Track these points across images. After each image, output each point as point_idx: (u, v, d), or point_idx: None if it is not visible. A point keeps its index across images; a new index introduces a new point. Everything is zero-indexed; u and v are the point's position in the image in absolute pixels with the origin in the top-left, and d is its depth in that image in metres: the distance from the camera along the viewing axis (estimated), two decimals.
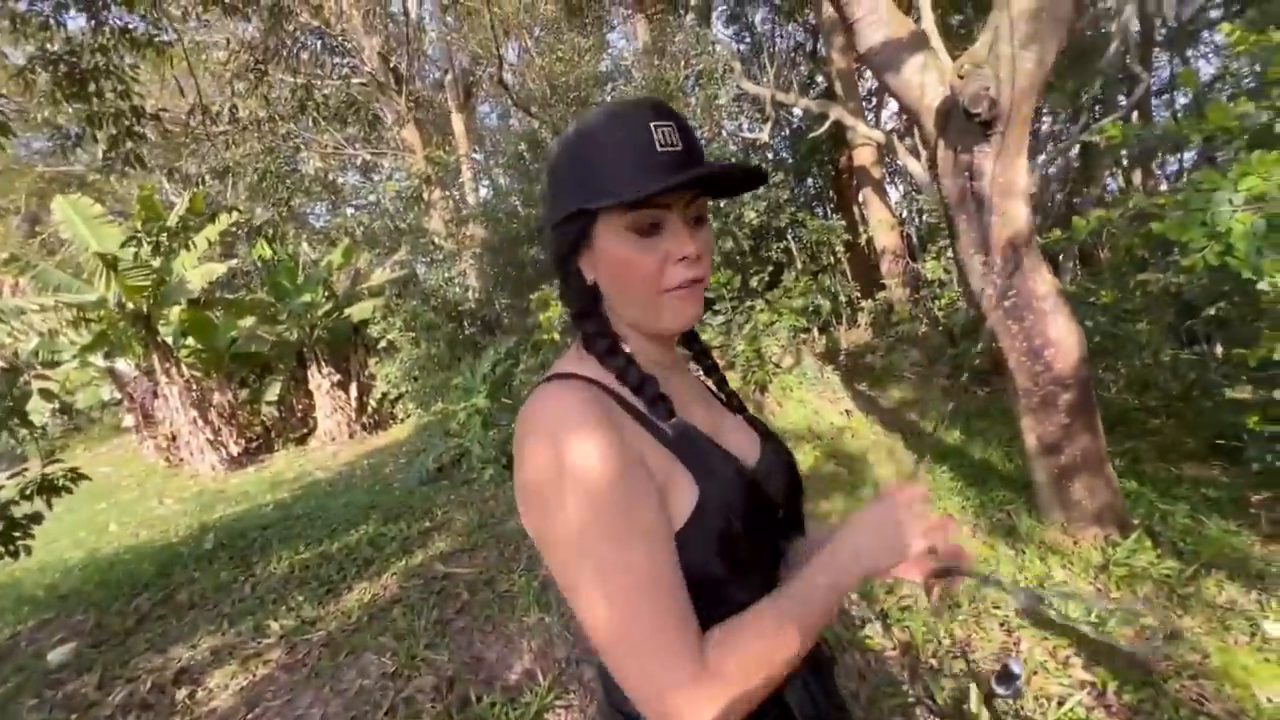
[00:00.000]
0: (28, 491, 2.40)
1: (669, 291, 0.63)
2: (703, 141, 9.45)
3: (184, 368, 7.82)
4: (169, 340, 7.86)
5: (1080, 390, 2.56)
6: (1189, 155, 7.47)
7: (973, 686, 1.94)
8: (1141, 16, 6.09)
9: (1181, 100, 8.59)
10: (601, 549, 0.54)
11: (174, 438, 8.20)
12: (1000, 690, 1.15)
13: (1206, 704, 1.82)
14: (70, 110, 4.32)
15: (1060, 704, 1.88)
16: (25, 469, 2.59)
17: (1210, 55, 8.31)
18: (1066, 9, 2.04)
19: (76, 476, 2.56)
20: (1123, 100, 6.07)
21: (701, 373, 0.85)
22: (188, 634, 2.91)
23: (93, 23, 4.27)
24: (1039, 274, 2.44)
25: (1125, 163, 7.71)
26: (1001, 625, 2.32)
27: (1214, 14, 7.41)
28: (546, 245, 0.69)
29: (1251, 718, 1.76)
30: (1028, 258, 2.41)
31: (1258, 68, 2.34)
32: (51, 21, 4.21)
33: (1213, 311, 3.05)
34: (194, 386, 7.88)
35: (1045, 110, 7.75)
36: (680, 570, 0.57)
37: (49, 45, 4.17)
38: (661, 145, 0.59)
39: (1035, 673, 2.04)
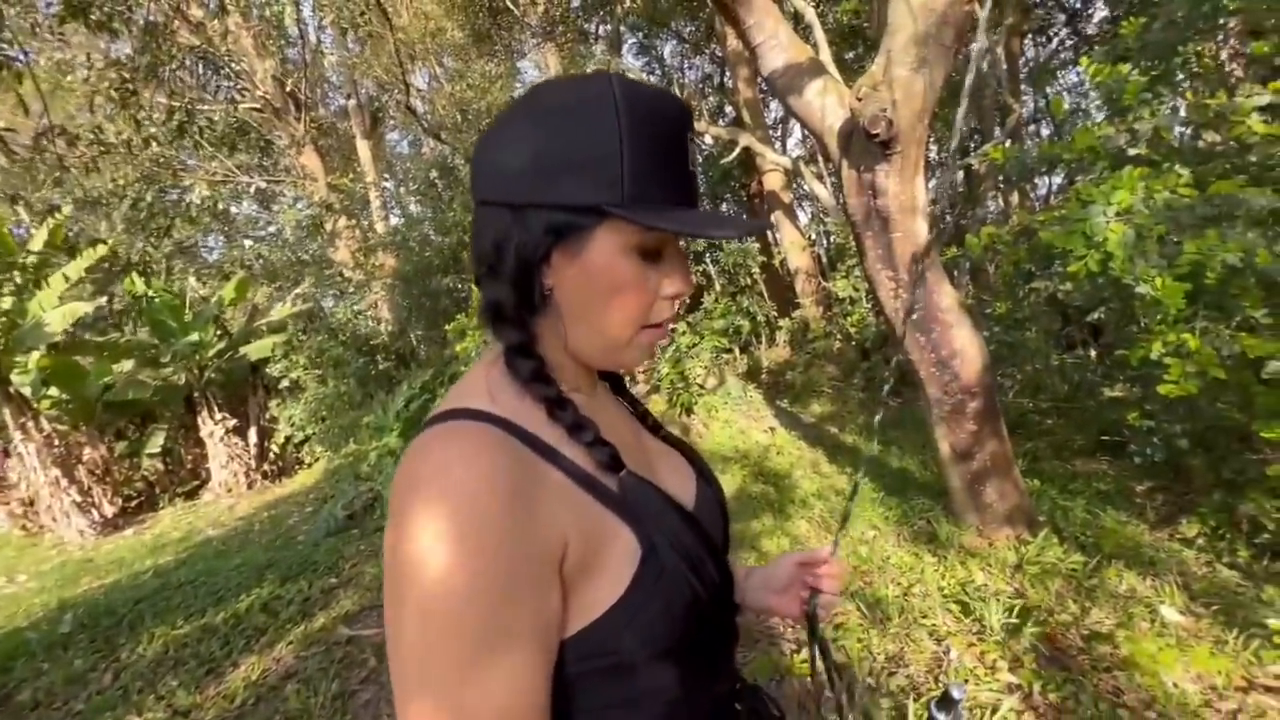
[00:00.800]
0: None
1: (646, 328, 0.54)
2: None
3: (44, 421, 6.88)
4: (25, 391, 6.91)
5: (986, 397, 2.67)
6: (1056, 180, 8.29)
7: (910, 706, 1.91)
8: (1007, 56, 6.75)
9: (1045, 131, 9.62)
10: (449, 674, 0.41)
11: (32, 502, 7.16)
12: (942, 716, 1.09)
13: (1123, 695, 1.88)
14: None
15: (993, 711, 1.88)
16: None
17: (1064, 91, 9.37)
18: (950, 37, 2.15)
19: None
20: (998, 130, 6.67)
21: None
22: None
23: None
24: (942, 288, 2.54)
25: (1003, 185, 8.46)
26: (931, 635, 2.32)
27: (1064, 56, 8.35)
28: (490, 224, 0.52)
29: (1161, 705, 1.82)
30: (930, 272, 2.50)
31: (1111, 97, 2.58)
32: None
33: (1097, 316, 3.30)
34: (56, 442, 6.94)
35: (931, 139, 8.40)
36: (554, 648, 0.47)
37: None
38: (691, 165, 0.53)
39: (966, 681, 2.04)
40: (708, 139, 8.95)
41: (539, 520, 0.46)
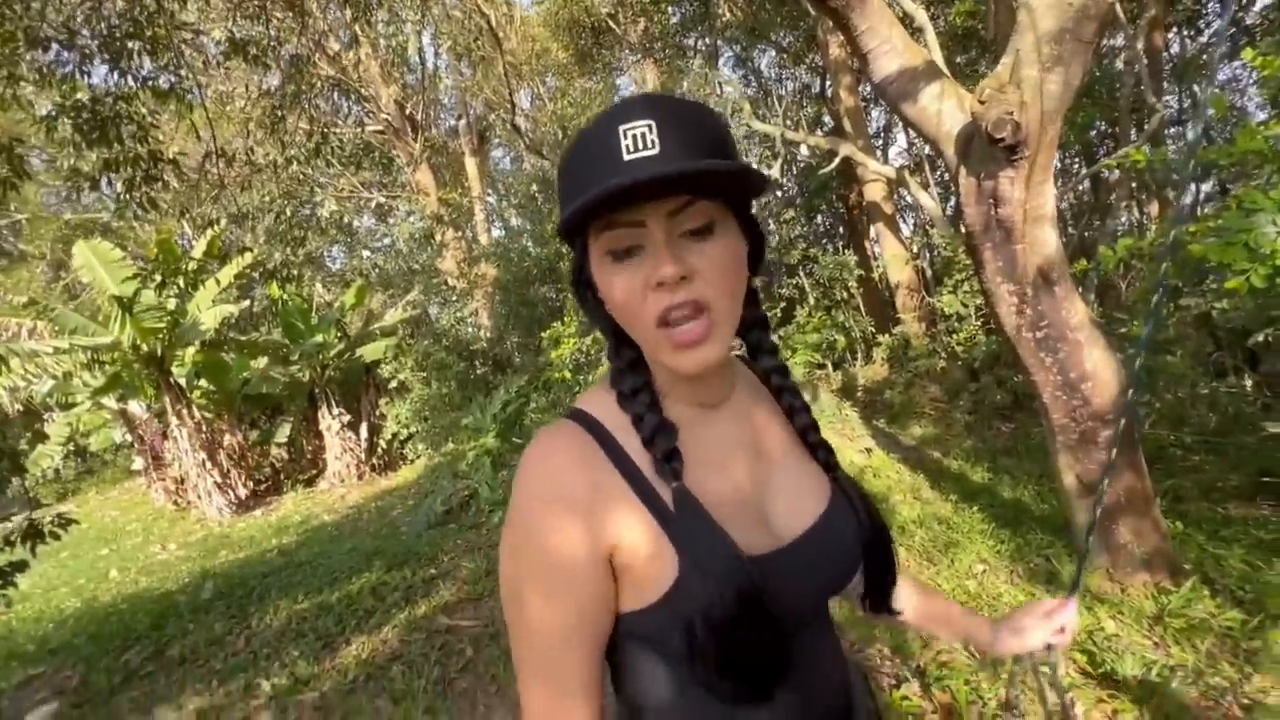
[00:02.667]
0: (12, 538, 2.30)
1: (660, 328, 0.52)
2: None
3: (195, 409, 7.81)
4: (181, 382, 7.88)
5: (1121, 425, 2.41)
6: (1205, 188, 7.41)
7: None
8: (1148, 51, 6.12)
9: (1190, 135, 8.59)
10: (515, 604, 0.55)
11: (182, 480, 8.13)
12: None
13: None
14: (91, 156, 4.42)
15: None
16: (14, 514, 2.50)
17: (1217, 88, 8.34)
18: (1090, 31, 1.98)
19: (65, 523, 2.46)
20: (1134, 135, 6.05)
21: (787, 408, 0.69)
22: (175, 693, 2.75)
23: (118, 74, 4.41)
24: (1072, 303, 2.32)
25: (1140, 194, 7.65)
26: (1051, 685, 2.11)
27: (1217, 50, 7.42)
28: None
29: None
30: (1059, 286, 2.29)
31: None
32: (77, 73, 4.34)
33: (1257, 339, 2.90)
34: (204, 428, 7.85)
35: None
36: (593, 642, 0.55)
37: (74, 95, 4.29)
38: (630, 151, 0.48)
39: None
40: (804, 149, 8.77)
41: (581, 511, 0.53)
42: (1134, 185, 7.02)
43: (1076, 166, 8.76)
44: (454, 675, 2.56)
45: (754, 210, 0.61)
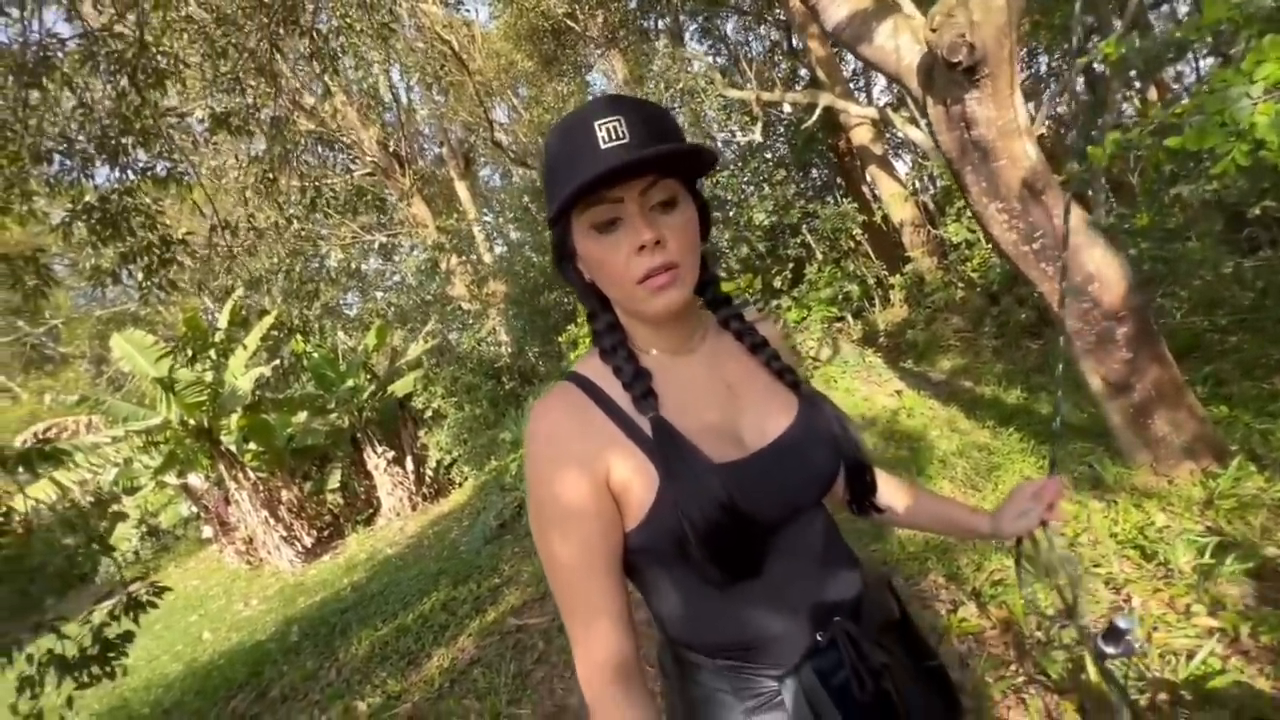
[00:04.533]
0: (115, 612, 2.50)
1: (639, 283, 0.63)
2: None
3: (249, 471, 8.15)
4: (232, 448, 8.22)
5: (1137, 320, 2.41)
6: (1206, 63, 7.13)
7: (1087, 653, 1.78)
8: None
9: (1183, 8, 8.24)
10: (542, 543, 0.66)
11: (251, 540, 8.50)
12: (1110, 650, 1.03)
13: None
14: (108, 252, 4.65)
15: (1189, 658, 1.71)
16: (111, 592, 2.72)
17: None
18: None
19: (159, 590, 2.65)
20: (1116, 22, 5.85)
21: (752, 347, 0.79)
22: None
23: (117, 170, 4.62)
24: (1063, 208, 2.33)
25: (1138, 84, 7.39)
26: (1107, 584, 2.14)
27: None
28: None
29: None
30: (1047, 195, 2.30)
31: None
32: (81, 177, 4.57)
33: (1259, 212, 2.84)
34: (261, 488, 8.19)
35: (1040, 49, 7.55)
36: (606, 567, 0.65)
37: (82, 199, 4.52)
38: (606, 141, 0.59)
39: (1155, 629, 1.87)
40: (786, 107, 8.68)
41: (574, 456, 0.64)
42: (1130, 74, 6.79)
43: (1065, 70, 8.50)
44: (530, 668, 2.70)
45: (746, 178, 0.72)
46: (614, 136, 0.60)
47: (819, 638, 0.68)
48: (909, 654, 0.77)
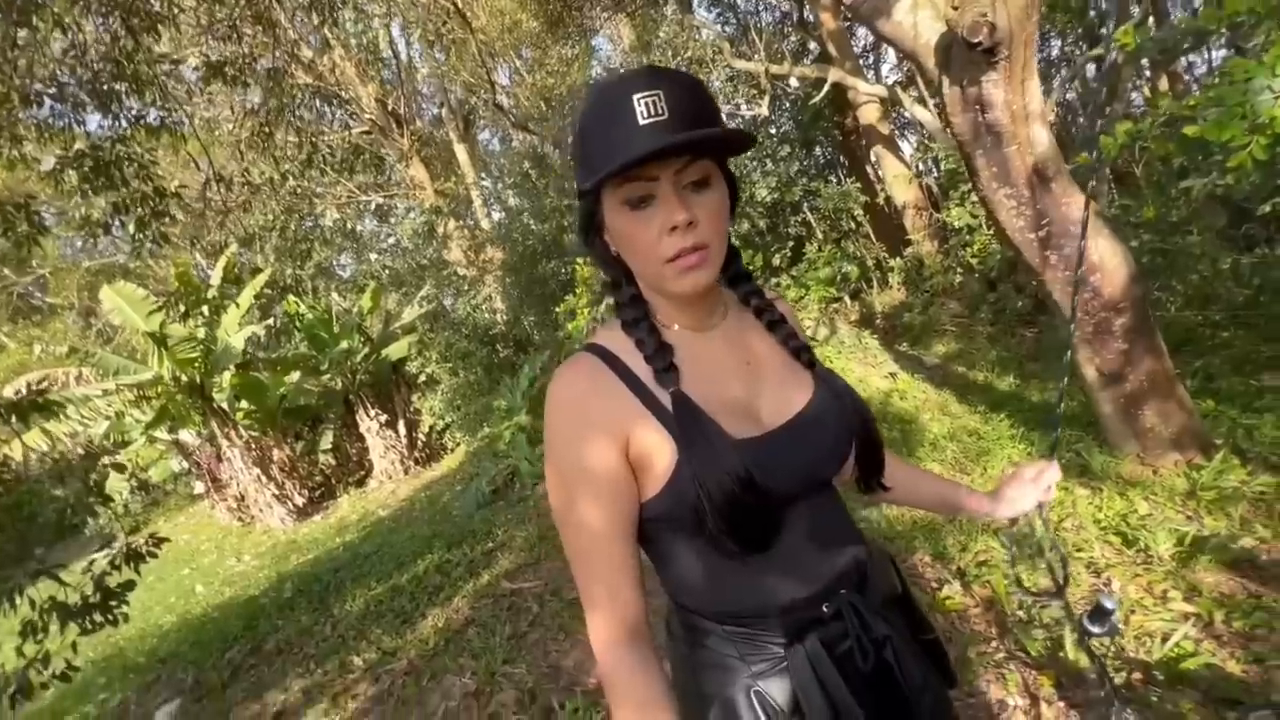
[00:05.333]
0: (116, 562, 2.53)
1: (669, 262, 0.64)
2: None
3: (241, 429, 8.15)
4: (224, 405, 8.20)
5: (1135, 312, 2.43)
6: (1217, 55, 7.06)
7: (1066, 631, 1.85)
8: None
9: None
10: (565, 509, 0.67)
11: (243, 498, 8.55)
12: (1095, 630, 1.08)
13: None
14: (99, 202, 4.56)
15: (1164, 640, 1.78)
16: (110, 545, 2.75)
17: None
18: None
19: (158, 542, 2.68)
20: (1135, 10, 5.76)
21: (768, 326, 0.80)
22: (279, 679, 3.03)
23: (110, 117, 4.51)
24: (1071, 197, 2.33)
25: (1149, 72, 7.31)
26: (1089, 568, 2.21)
27: None
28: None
29: None
30: (1056, 182, 2.30)
31: None
32: (72, 123, 4.45)
33: (1268, 209, 2.85)
34: (253, 446, 8.20)
35: (1054, 32, 7.43)
36: (627, 533, 0.67)
37: (74, 145, 4.42)
38: (645, 117, 0.59)
39: (1132, 611, 1.94)
40: (793, 81, 8.53)
41: (596, 425, 0.65)
42: (1143, 63, 6.72)
43: (1079, 52, 8.39)
44: (524, 630, 2.77)
45: (750, 153, 0.72)
46: (653, 112, 0.59)
47: (825, 608, 0.70)
48: (908, 627, 0.80)
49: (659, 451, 0.65)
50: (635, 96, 0.59)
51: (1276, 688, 1.57)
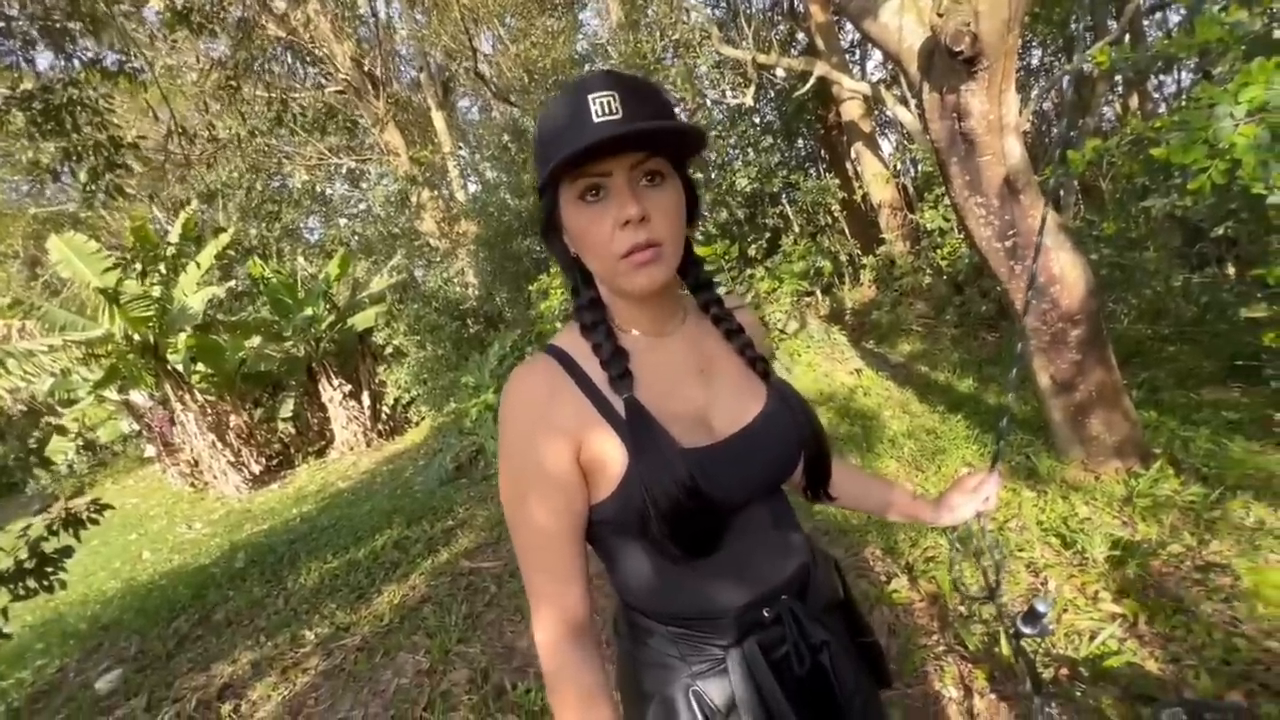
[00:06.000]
0: (54, 527, 2.44)
1: (622, 259, 0.63)
2: (684, 112, 9.31)
3: (197, 393, 7.90)
4: (179, 367, 7.93)
5: (1090, 325, 2.52)
6: (1187, 76, 7.27)
7: (1001, 630, 1.93)
8: None
9: (1175, 19, 8.32)
10: (515, 506, 0.68)
11: (196, 463, 8.32)
12: (1027, 630, 1.13)
13: (1240, 625, 1.81)
14: (48, 147, 4.32)
15: (1091, 638, 1.87)
16: (50, 507, 2.65)
17: None
18: None
19: (100, 508, 2.60)
20: (1112, 25, 5.88)
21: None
22: (227, 651, 2.97)
23: (62, 58, 4.25)
24: (1038, 209, 2.39)
25: (1121, 89, 7.50)
26: (1028, 567, 2.31)
27: None
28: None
29: None
30: (1025, 194, 2.35)
31: None
32: (20, 61, 4.18)
33: (1221, 231, 2.98)
34: (209, 411, 7.96)
35: (1034, 43, 7.55)
36: (575, 534, 0.68)
37: (21, 85, 4.15)
38: (599, 115, 0.59)
39: (1065, 610, 2.04)
40: (779, 72, 8.51)
41: (551, 427, 0.66)
42: (1115, 79, 6.88)
43: (1058, 63, 8.55)
44: (480, 610, 2.77)
45: (732, 141, 0.71)
46: (607, 111, 0.59)
47: (766, 613, 0.72)
48: (848, 630, 0.83)
49: (611, 457, 0.66)
50: (590, 96, 0.60)
51: (1189, 686, 1.68)
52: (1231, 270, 4.17)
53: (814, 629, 0.73)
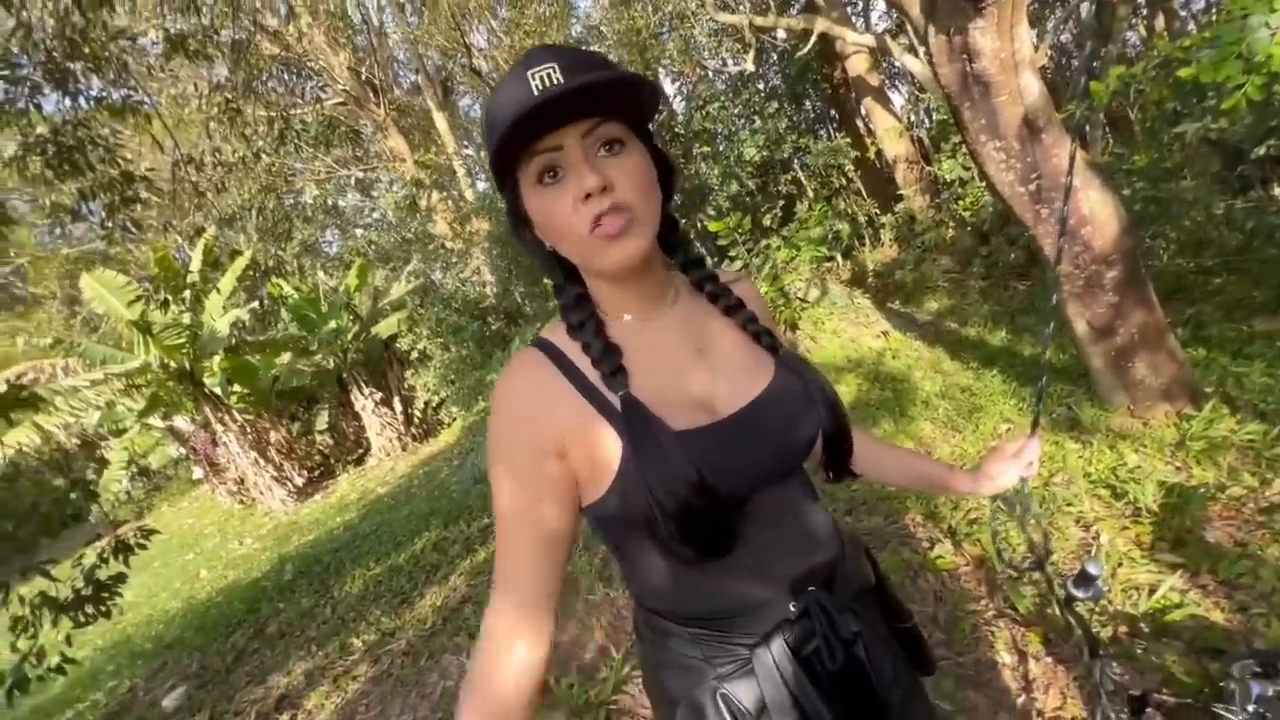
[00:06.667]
0: (105, 555, 2.53)
1: (592, 233, 0.59)
2: (688, 83, 9.11)
3: (235, 413, 8.12)
4: (216, 390, 8.15)
5: (1126, 264, 2.38)
6: None
7: (1056, 601, 1.86)
8: None
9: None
10: (494, 496, 0.65)
11: (242, 481, 8.58)
12: (1079, 594, 1.07)
13: None
14: (67, 188, 4.42)
15: (1151, 592, 1.79)
16: (107, 534, 2.75)
17: None
18: None
19: (147, 534, 2.68)
20: None
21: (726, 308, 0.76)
22: (281, 662, 3.07)
23: (68, 99, 4.32)
24: (1062, 149, 2.25)
25: (1145, 10, 7.08)
26: (1077, 522, 2.22)
27: None
28: None
29: None
30: (1047, 133, 2.22)
31: None
32: (29, 106, 4.27)
33: (1263, 151, 2.78)
34: (249, 429, 8.19)
35: None
36: (540, 528, 0.64)
37: (34, 130, 4.25)
38: (540, 89, 0.55)
39: (1119, 564, 1.95)
40: (779, 34, 8.26)
41: (538, 423, 0.63)
42: (1138, 1, 6.49)
43: None
44: None
45: (737, 110, 0.64)
46: (548, 84, 0.55)
47: (792, 607, 0.68)
48: (883, 617, 0.78)
49: (604, 453, 0.62)
50: (530, 73, 0.56)
51: (1260, 635, 1.59)
52: (1278, 191, 3.92)
53: (845, 621, 0.69)
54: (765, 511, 0.67)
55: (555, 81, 0.55)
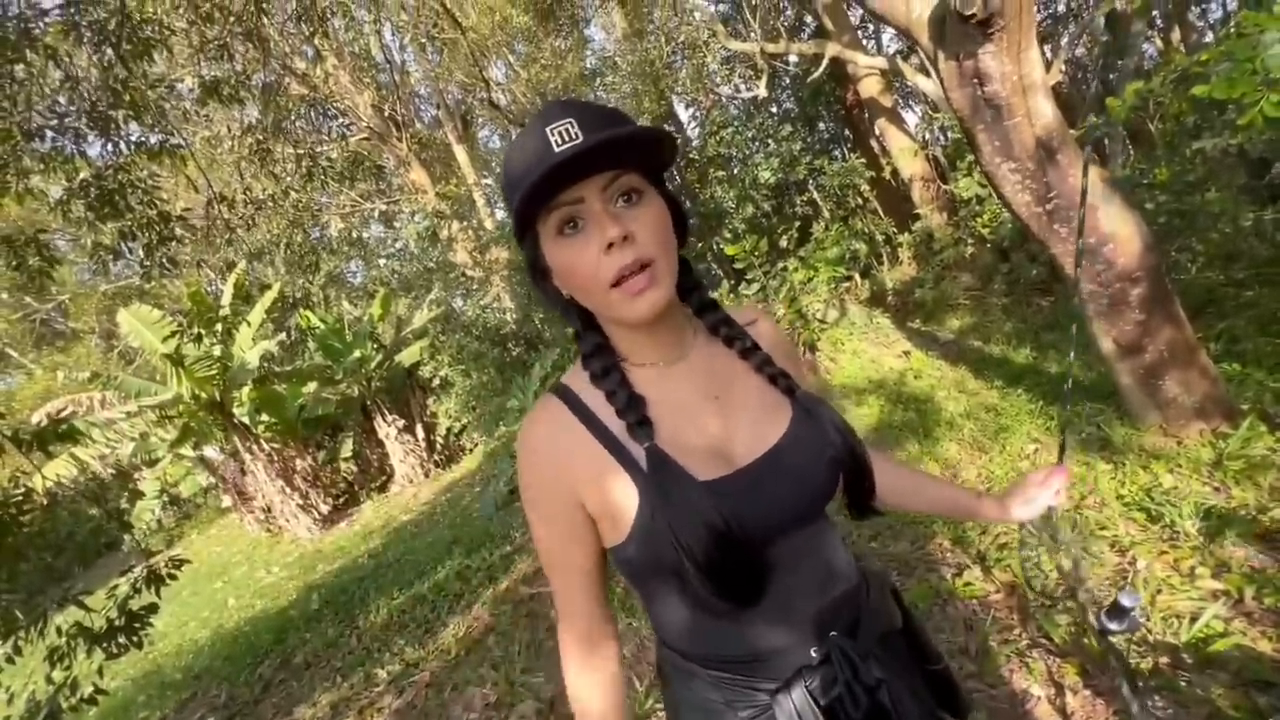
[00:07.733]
0: (137, 585, 2.58)
1: (614, 287, 0.60)
2: (702, 109, 9.24)
3: (263, 442, 8.28)
4: (245, 420, 8.33)
5: (1151, 280, 2.35)
6: (1232, 2, 6.79)
7: (1091, 632, 1.80)
8: None
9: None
10: (535, 537, 0.72)
11: (269, 509, 8.70)
12: (1114, 626, 1.02)
13: None
14: (106, 229, 4.63)
15: (1192, 621, 1.72)
16: (139, 563, 2.80)
17: None
18: None
19: (179, 564, 2.73)
20: None
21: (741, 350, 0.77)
22: (308, 693, 3.08)
23: (109, 144, 4.55)
24: (1078, 168, 2.24)
25: (1161, 24, 7.05)
26: (1113, 546, 2.15)
27: None
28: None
29: None
30: (1061, 154, 2.21)
31: None
32: (74, 153, 4.50)
33: None
34: (276, 458, 8.33)
35: None
36: (581, 565, 0.70)
37: (77, 176, 4.47)
38: (559, 144, 0.57)
39: (1158, 591, 1.88)
40: (791, 59, 8.37)
41: (558, 472, 0.66)
42: (1153, 14, 6.46)
43: (1086, 9, 8.10)
44: (542, 637, 2.77)
45: (751, 134, 0.67)
46: (567, 138, 0.57)
47: (814, 653, 0.67)
48: (913, 659, 0.77)
49: (623, 501, 0.63)
50: (548, 128, 0.57)
51: None
52: None
53: (868, 667, 0.68)
54: (788, 556, 0.67)
55: (573, 136, 0.57)
